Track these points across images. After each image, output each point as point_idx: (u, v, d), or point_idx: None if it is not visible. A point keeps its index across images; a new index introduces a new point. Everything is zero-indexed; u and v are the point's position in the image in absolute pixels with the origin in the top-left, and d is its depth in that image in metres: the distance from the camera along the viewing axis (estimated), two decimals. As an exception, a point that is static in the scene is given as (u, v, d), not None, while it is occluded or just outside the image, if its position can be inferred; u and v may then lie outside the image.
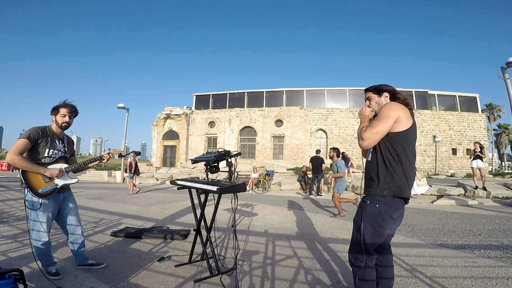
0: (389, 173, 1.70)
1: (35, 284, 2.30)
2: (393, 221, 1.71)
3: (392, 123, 1.68)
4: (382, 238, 1.76)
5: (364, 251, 1.74)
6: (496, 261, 3.13)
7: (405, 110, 1.72)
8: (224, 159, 2.65)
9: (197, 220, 2.84)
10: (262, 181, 11.79)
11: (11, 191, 9.30)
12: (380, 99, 1.88)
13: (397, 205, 1.69)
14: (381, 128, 1.68)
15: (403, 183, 1.69)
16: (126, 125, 16.80)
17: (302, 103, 23.00)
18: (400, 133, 1.69)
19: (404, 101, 1.82)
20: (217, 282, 2.44)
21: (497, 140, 36.16)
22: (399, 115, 1.68)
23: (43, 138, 2.46)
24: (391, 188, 1.68)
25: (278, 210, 6.64)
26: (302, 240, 4.02)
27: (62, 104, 2.55)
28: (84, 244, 2.76)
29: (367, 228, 1.73)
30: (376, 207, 1.71)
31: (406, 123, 1.69)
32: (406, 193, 1.69)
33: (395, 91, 1.87)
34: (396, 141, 1.70)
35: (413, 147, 1.73)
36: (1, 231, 3.96)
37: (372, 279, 1.76)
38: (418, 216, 6.11)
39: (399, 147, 1.69)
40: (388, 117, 1.68)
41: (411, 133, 1.72)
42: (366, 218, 1.73)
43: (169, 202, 7.72)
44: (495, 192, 8.77)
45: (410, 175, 1.72)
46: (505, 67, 8.23)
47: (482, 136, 21.11)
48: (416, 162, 4.20)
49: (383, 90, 1.89)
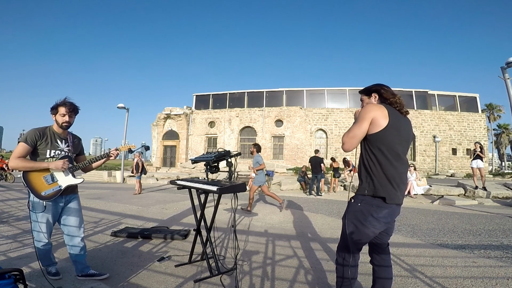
0: (369, 174, 1.73)
1: (35, 284, 2.30)
2: (375, 220, 1.69)
3: (366, 125, 1.70)
4: (366, 237, 1.76)
5: (346, 249, 1.78)
6: (496, 261, 3.13)
7: (381, 110, 1.70)
8: (224, 159, 2.66)
9: (197, 220, 2.84)
10: (262, 181, 11.78)
11: (11, 191, 9.30)
12: (370, 100, 1.90)
13: (378, 204, 1.68)
14: (356, 132, 1.72)
15: (383, 184, 1.68)
16: (126, 125, 16.80)
17: (302, 103, 23.01)
18: (375, 134, 1.69)
19: (390, 101, 1.80)
20: (217, 282, 2.44)
21: (497, 140, 36.16)
22: (373, 117, 1.68)
23: (42, 139, 2.38)
24: (370, 188, 1.71)
25: (278, 210, 6.64)
26: (302, 240, 4.02)
27: (61, 102, 2.42)
28: (85, 251, 2.56)
29: (349, 226, 1.78)
30: (358, 206, 1.74)
31: (381, 123, 1.67)
32: (386, 193, 1.67)
33: (380, 90, 1.85)
34: (372, 142, 1.71)
35: (394, 146, 1.70)
36: (1, 231, 3.96)
37: (350, 277, 1.76)
38: (418, 216, 6.11)
39: (375, 148, 1.70)
40: (363, 120, 1.71)
41: (388, 132, 1.68)
42: (349, 216, 1.79)
43: (169, 202, 7.71)
44: (495, 192, 8.77)
45: (393, 175, 1.69)
46: (505, 67, 8.23)
47: (482, 136, 21.12)
48: (416, 162, 4.16)
49: (371, 91, 1.90)
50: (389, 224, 1.79)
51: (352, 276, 1.77)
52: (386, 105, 1.77)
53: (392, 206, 1.71)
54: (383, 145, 1.68)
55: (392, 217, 1.76)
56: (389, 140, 1.69)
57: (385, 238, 1.87)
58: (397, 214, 1.79)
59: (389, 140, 1.69)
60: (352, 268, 1.77)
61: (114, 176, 17.84)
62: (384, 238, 1.86)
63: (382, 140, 1.69)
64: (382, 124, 1.67)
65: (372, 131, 1.70)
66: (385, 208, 1.69)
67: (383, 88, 1.86)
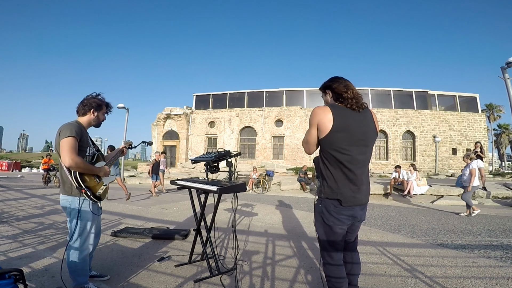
0: (323, 177, 1.76)
1: (35, 284, 2.30)
2: (336, 219, 1.70)
3: (314, 131, 1.70)
4: (335, 235, 1.75)
5: (322, 248, 1.82)
6: (496, 261, 3.13)
7: (325, 113, 1.64)
8: (224, 159, 2.65)
9: (197, 220, 2.84)
10: (262, 181, 11.79)
11: (11, 191, 9.30)
12: (326, 98, 1.85)
13: (336, 205, 1.69)
14: (307, 138, 1.77)
15: (336, 187, 1.68)
16: (126, 125, 16.80)
17: (302, 103, 23.01)
18: (323, 139, 1.68)
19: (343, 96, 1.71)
20: (217, 282, 2.44)
21: (497, 140, 36.17)
22: (317, 122, 1.67)
23: (83, 135, 2.19)
24: (325, 191, 1.72)
25: (278, 210, 6.64)
26: (302, 240, 4.02)
27: (106, 101, 2.40)
28: (93, 254, 2.43)
29: (317, 226, 1.83)
30: (319, 207, 1.77)
31: (325, 127, 1.64)
32: (341, 196, 1.66)
33: (331, 86, 1.77)
34: (323, 147, 1.72)
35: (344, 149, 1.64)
36: (1, 231, 3.96)
37: (335, 276, 1.75)
38: (418, 216, 6.12)
39: (326, 152, 1.70)
40: (310, 125, 1.73)
41: (334, 136, 1.64)
42: (316, 217, 1.83)
43: (169, 202, 7.72)
44: (495, 192, 8.78)
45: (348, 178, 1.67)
46: (505, 67, 8.24)
47: (482, 136, 21.11)
48: (416, 162, 4.14)
49: (325, 87, 1.84)
50: (354, 222, 1.79)
51: (334, 274, 1.75)
52: (332, 105, 1.71)
53: (354, 207, 1.71)
54: (332, 149, 1.67)
55: (354, 217, 1.74)
56: (338, 143, 1.65)
57: (349, 237, 1.87)
58: (361, 213, 1.78)
59: (338, 144, 1.65)
60: (331, 266, 1.77)
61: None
62: (349, 237, 1.86)
63: (330, 144, 1.66)
64: (326, 128, 1.64)
65: (320, 136, 1.69)
66: (344, 209, 1.69)
67: (335, 82, 1.77)
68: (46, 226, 4.37)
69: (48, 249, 3.24)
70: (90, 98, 2.33)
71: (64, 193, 2.15)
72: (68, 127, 2.10)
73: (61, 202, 2.19)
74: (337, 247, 1.79)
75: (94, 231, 2.22)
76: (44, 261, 2.84)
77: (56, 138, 2.12)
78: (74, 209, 2.12)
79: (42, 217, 5.05)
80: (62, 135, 2.07)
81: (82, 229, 2.13)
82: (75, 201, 2.12)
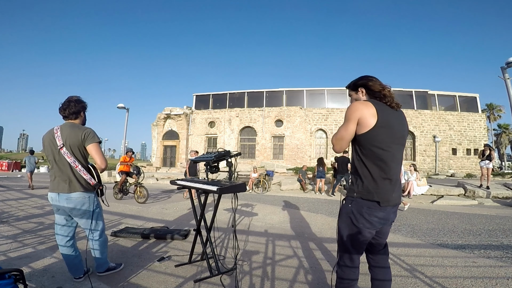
0: (358, 175, 1.65)
1: (35, 284, 2.30)
2: (367, 221, 1.61)
3: (353, 126, 1.60)
4: (361, 238, 1.67)
5: (342, 249, 1.73)
6: (496, 261, 3.13)
7: (368, 108, 1.57)
8: (224, 159, 2.65)
9: (197, 220, 2.84)
10: (262, 181, 11.79)
11: (11, 191, 9.30)
12: (358, 95, 1.76)
13: (369, 206, 1.60)
14: (342, 134, 1.63)
15: (375, 187, 1.59)
16: (126, 125, 16.81)
17: (302, 103, 23.00)
18: (364, 134, 1.58)
19: (379, 94, 1.66)
20: (217, 282, 2.44)
21: (497, 140, 36.17)
22: (359, 116, 1.57)
23: None
24: (359, 191, 1.63)
25: (278, 210, 6.64)
26: (302, 240, 4.02)
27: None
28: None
29: (342, 227, 1.72)
30: (349, 207, 1.67)
31: (369, 122, 1.56)
32: (377, 196, 1.58)
33: (368, 84, 1.71)
34: (362, 143, 1.61)
35: (386, 146, 1.58)
36: (1, 231, 3.96)
37: (349, 278, 1.70)
38: (418, 216, 6.11)
39: (366, 149, 1.60)
40: (348, 120, 1.61)
41: (378, 132, 1.56)
42: (342, 217, 1.73)
43: (169, 202, 7.72)
44: (495, 192, 8.77)
45: (387, 177, 1.59)
46: (505, 67, 8.25)
47: (482, 136, 21.12)
48: (416, 162, 4.13)
49: (357, 85, 1.76)
50: (385, 225, 1.70)
51: (348, 277, 1.70)
52: (373, 101, 1.64)
53: (387, 208, 1.62)
54: (373, 146, 1.58)
55: (386, 218, 1.66)
56: (380, 139, 1.57)
57: (381, 239, 1.78)
58: (393, 214, 1.71)
59: (380, 140, 1.57)
60: (348, 269, 1.70)
61: (114, 176, 17.84)
62: (380, 239, 1.78)
63: (372, 141, 1.58)
64: (370, 123, 1.56)
65: (360, 131, 1.59)
66: (377, 210, 1.60)
67: (371, 81, 1.71)
68: (46, 226, 4.37)
69: (48, 249, 3.24)
70: (76, 102, 2.47)
71: (79, 190, 2.35)
72: (93, 132, 2.41)
73: (74, 199, 2.33)
74: (360, 251, 1.72)
75: None
76: (44, 261, 2.84)
77: (78, 138, 2.35)
78: (93, 202, 2.42)
79: (42, 217, 5.05)
80: (92, 139, 2.37)
81: (101, 216, 2.54)
82: (92, 196, 2.42)
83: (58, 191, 2.33)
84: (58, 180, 2.35)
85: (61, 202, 2.33)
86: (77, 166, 2.32)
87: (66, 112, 2.43)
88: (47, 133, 2.45)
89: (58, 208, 2.37)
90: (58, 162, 2.35)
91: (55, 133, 2.36)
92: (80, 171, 2.33)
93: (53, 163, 2.38)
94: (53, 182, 2.38)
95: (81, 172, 2.33)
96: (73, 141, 2.33)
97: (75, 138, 2.33)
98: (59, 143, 2.32)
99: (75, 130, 2.36)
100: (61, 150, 2.32)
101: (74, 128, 2.38)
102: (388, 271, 1.82)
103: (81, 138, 2.34)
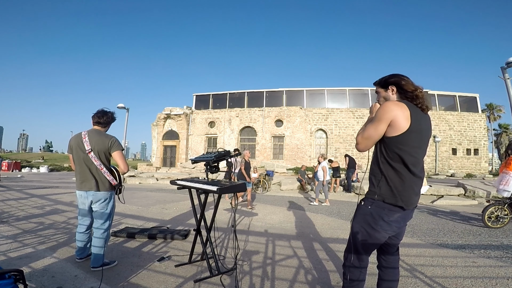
0: (383, 177, 1.59)
1: (35, 284, 2.30)
2: (386, 224, 1.58)
3: (384, 127, 1.53)
4: (376, 240, 1.65)
5: (351, 250, 1.70)
6: (496, 261, 3.14)
7: (403, 110, 1.51)
8: (224, 159, 2.65)
9: (197, 220, 2.84)
10: (262, 181, 11.78)
11: (11, 191, 9.29)
12: (387, 94, 1.69)
13: (390, 209, 1.57)
14: (371, 133, 1.57)
15: (397, 190, 1.55)
16: (126, 125, 16.82)
17: (302, 103, 23.02)
18: (394, 137, 1.52)
19: (411, 95, 1.60)
20: (217, 282, 2.44)
21: (497, 140, 36.14)
22: (393, 118, 1.50)
23: None
24: (382, 193, 1.58)
25: (278, 210, 6.64)
26: (302, 240, 4.02)
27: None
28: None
29: (357, 228, 1.68)
30: (368, 209, 1.62)
31: (402, 126, 1.49)
32: (399, 200, 1.54)
33: (401, 83, 1.63)
34: (389, 146, 1.55)
35: (414, 151, 1.54)
36: (1, 231, 3.96)
37: (359, 279, 1.69)
38: (418, 216, 6.11)
39: (393, 152, 1.54)
40: (380, 120, 1.53)
41: (409, 137, 1.51)
42: (358, 218, 1.69)
43: (169, 202, 7.71)
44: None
45: (412, 181, 1.56)
46: (505, 67, 8.25)
47: (482, 136, 21.12)
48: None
49: (388, 83, 1.68)
50: (401, 227, 1.68)
51: (357, 277, 1.69)
52: (408, 103, 1.57)
53: (407, 210, 1.59)
54: (401, 150, 1.52)
55: (405, 220, 1.65)
56: (409, 144, 1.52)
57: (395, 241, 1.76)
58: (410, 217, 1.69)
59: (409, 145, 1.52)
60: (356, 269, 1.69)
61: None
62: (394, 241, 1.75)
63: (401, 145, 1.51)
64: (403, 127, 1.49)
65: (390, 133, 1.52)
66: (397, 212, 1.57)
67: (403, 80, 1.64)
68: (46, 226, 4.37)
69: (48, 249, 3.23)
70: (110, 115, 2.88)
71: (104, 189, 2.75)
72: (118, 141, 2.82)
73: (99, 195, 2.73)
74: (371, 252, 1.71)
75: None
76: (44, 261, 2.84)
77: (106, 145, 2.73)
78: (112, 201, 2.85)
79: (42, 217, 5.05)
80: (117, 147, 2.77)
81: (112, 217, 2.87)
82: (113, 194, 2.86)
83: (86, 189, 2.70)
84: (86, 180, 2.70)
85: (88, 198, 2.73)
86: (102, 168, 2.69)
87: (102, 120, 2.80)
88: (75, 137, 2.77)
89: (83, 202, 2.77)
90: (85, 164, 2.69)
91: (83, 138, 2.69)
92: (104, 173, 2.70)
93: (81, 165, 2.71)
94: (80, 181, 2.72)
95: (105, 174, 2.70)
96: (100, 148, 2.70)
97: (103, 145, 2.71)
98: (87, 148, 2.66)
99: (102, 138, 2.73)
100: (89, 154, 2.66)
101: (101, 135, 2.74)
102: (397, 272, 1.82)
103: (108, 146, 2.73)
